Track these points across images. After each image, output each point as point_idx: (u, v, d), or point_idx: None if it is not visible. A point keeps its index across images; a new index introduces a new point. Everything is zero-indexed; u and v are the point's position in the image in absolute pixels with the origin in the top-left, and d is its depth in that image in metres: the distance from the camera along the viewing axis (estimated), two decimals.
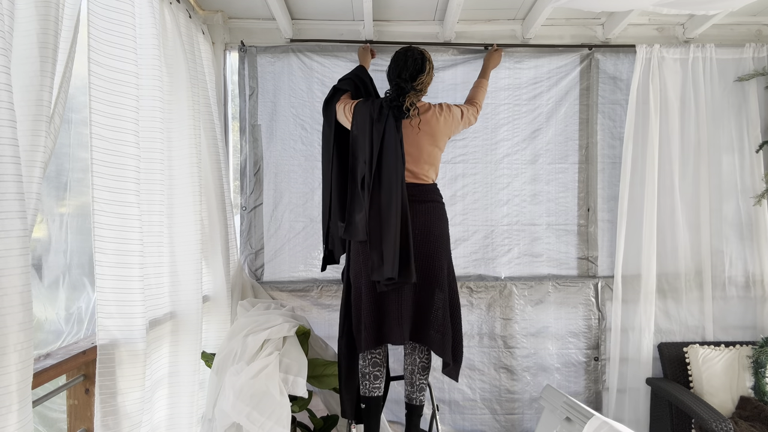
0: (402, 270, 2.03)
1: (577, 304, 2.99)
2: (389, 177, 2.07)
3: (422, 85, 2.20)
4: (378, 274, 2.05)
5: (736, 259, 2.95)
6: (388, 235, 2.03)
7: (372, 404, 2.19)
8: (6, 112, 1.08)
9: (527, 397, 2.97)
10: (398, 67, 2.19)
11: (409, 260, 2.04)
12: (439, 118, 2.21)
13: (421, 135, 2.17)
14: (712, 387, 2.67)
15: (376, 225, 2.06)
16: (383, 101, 2.18)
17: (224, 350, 2.17)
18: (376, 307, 2.10)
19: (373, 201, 2.08)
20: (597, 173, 3.00)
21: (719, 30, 2.98)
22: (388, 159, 2.08)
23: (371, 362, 2.19)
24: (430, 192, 2.21)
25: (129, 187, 1.63)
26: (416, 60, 2.18)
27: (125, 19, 1.64)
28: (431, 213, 2.16)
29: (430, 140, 2.19)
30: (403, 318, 2.09)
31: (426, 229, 2.13)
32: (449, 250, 2.23)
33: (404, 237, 2.04)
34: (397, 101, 2.14)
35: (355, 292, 2.17)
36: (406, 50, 2.22)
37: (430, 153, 2.20)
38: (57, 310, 1.70)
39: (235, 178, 3.00)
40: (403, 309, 2.09)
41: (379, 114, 2.14)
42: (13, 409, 1.08)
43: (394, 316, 2.09)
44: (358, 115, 2.20)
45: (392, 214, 2.03)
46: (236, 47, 2.92)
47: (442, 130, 2.22)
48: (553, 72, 2.99)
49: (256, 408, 1.89)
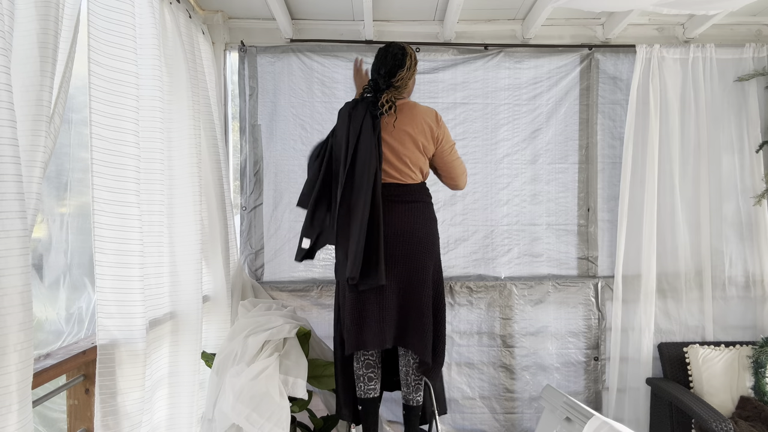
0: (370, 272, 1.95)
1: (577, 304, 2.99)
2: (361, 175, 1.99)
3: (401, 81, 2.09)
4: (341, 273, 2.02)
5: (736, 259, 2.95)
6: (354, 234, 1.96)
7: (368, 406, 2.17)
8: (6, 112, 1.08)
9: (527, 397, 2.97)
10: (378, 63, 2.12)
11: (379, 262, 1.95)
12: (419, 113, 2.11)
13: (401, 134, 2.08)
14: (712, 387, 2.67)
15: (344, 223, 2.01)
16: (361, 98, 2.14)
17: (225, 350, 2.17)
18: (357, 310, 2.03)
19: (343, 199, 2.02)
20: (597, 173, 3.00)
21: (719, 30, 2.98)
22: (362, 157, 2.01)
23: (364, 364, 2.15)
24: (415, 192, 2.12)
25: (129, 187, 1.63)
26: (395, 56, 2.08)
27: (125, 19, 1.64)
28: (414, 213, 2.09)
29: (410, 139, 2.09)
30: (384, 321, 2.02)
31: (408, 229, 2.06)
32: (437, 251, 2.15)
33: (374, 238, 1.96)
34: (374, 97, 2.08)
35: (341, 293, 2.13)
36: (387, 46, 2.13)
37: (413, 152, 2.10)
38: (57, 310, 1.70)
39: (235, 178, 3.00)
40: (385, 312, 2.02)
41: (355, 110, 2.09)
42: (13, 409, 1.08)
43: (374, 319, 2.02)
44: (339, 118, 2.16)
45: (359, 213, 1.96)
46: (236, 47, 2.92)
47: (417, 133, 2.09)
48: (553, 72, 2.99)
49: (255, 410, 1.89)
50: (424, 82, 2.95)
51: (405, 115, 2.09)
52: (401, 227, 2.06)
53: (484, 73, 2.98)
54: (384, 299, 2.03)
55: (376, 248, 1.97)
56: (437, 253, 2.17)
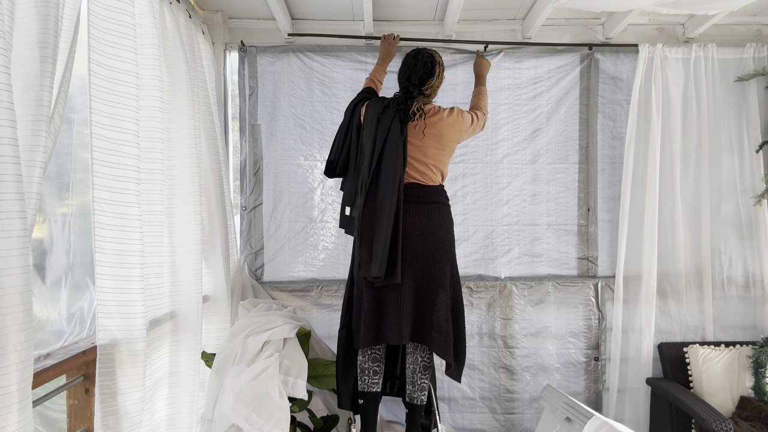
0: (389, 271, 2.04)
1: (577, 304, 2.99)
2: (387, 178, 2.08)
3: (431, 90, 2.20)
4: (365, 270, 2.07)
5: (736, 259, 2.95)
6: (379, 235, 2.04)
7: (370, 399, 2.20)
8: (6, 112, 1.08)
9: (527, 397, 2.97)
10: (408, 71, 2.19)
11: (396, 261, 2.04)
12: (446, 121, 2.19)
13: (427, 138, 2.16)
14: (712, 387, 2.67)
15: (368, 223, 2.08)
16: (390, 101, 2.19)
17: (225, 351, 2.17)
18: (376, 305, 2.11)
19: (368, 199, 2.09)
20: (597, 173, 3.00)
21: (719, 30, 2.98)
22: (388, 160, 2.09)
23: (371, 357, 2.21)
24: (435, 194, 2.20)
25: (129, 187, 1.63)
26: (426, 64, 2.17)
27: (125, 19, 1.64)
28: (434, 214, 2.16)
29: (437, 144, 2.18)
30: (402, 318, 2.09)
31: (427, 229, 2.13)
32: (453, 252, 2.23)
33: (394, 238, 2.05)
34: (404, 104, 2.14)
35: (357, 288, 2.18)
36: (416, 53, 2.21)
37: (435, 156, 2.19)
38: (59, 310, 1.71)
39: (235, 178, 3.00)
40: (403, 309, 2.09)
41: (384, 113, 2.15)
42: (13, 409, 1.08)
43: (393, 315, 2.09)
44: (368, 113, 2.22)
45: (385, 215, 2.05)
46: (236, 47, 2.92)
47: (449, 135, 2.20)
48: (553, 72, 2.99)
49: (255, 410, 1.89)
50: None
51: (433, 119, 2.17)
52: (421, 227, 2.13)
53: None
54: (402, 296, 2.09)
55: (395, 248, 2.05)
56: (454, 255, 2.24)
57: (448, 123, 2.19)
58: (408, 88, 2.17)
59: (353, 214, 2.21)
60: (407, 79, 2.18)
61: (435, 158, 2.19)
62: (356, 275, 2.18)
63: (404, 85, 2.20)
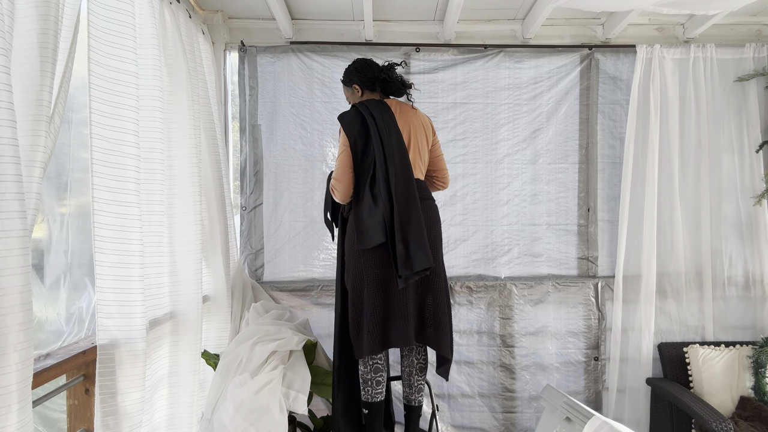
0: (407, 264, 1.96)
1: (577, 303, 2.99)
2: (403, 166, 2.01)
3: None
4: (407, 267, 1.93)
5: (736, 259, 2.96)
6: (416, 226, 1.96)
7: (375, 409, 2.16)
8: (6, 112, 1.08)
9: (526, 396, 2.97)
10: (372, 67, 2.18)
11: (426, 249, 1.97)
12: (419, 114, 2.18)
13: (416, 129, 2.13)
14: (712, 387, 2.67)
15: (404, 217, 1.96)
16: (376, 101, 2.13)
17: (231, 354, 2.15)
18: (382, 308, 2.01)
19: (396, 196, 1.97)
20: (597, 173, 3.00)
21: (719, 30, 2.98)
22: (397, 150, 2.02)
23: (373, 368, 2.11)
24: (424, 189, 2.15)
25: (129, 187, 1.63)
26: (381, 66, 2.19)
27: (125, 19, 1.64)
28: (429, 210, 2.12)
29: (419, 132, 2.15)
30: (408, 319, 2.01)
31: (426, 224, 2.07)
32: (442, 250, 2.20)
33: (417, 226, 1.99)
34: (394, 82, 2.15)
35: (354, 295, 2.07)
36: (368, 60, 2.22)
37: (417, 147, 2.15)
38: (58, 310, 1.70)
39: (235, 178, 3.00)
40: (409, 308, 2.01)
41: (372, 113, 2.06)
42: (13, 409, 1.08)
43: (400, 316, 2.00)
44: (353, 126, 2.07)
45: (413, 206, 1.97)
46: (236, 47, 2.92)
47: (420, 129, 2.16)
48: (553, 72, 2.99)
49: (253, 424, 1.87)
50: (424, 82, 2.95)
51: (406, 107, 2.16)
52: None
53: (484, 73, 2.98)
54: (407, 296, 2.03)
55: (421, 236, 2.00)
56: (442, 252, 2.20)
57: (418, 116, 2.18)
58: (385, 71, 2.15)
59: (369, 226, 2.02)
60: (380, 70, 2.16)
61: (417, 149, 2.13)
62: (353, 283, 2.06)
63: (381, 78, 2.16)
